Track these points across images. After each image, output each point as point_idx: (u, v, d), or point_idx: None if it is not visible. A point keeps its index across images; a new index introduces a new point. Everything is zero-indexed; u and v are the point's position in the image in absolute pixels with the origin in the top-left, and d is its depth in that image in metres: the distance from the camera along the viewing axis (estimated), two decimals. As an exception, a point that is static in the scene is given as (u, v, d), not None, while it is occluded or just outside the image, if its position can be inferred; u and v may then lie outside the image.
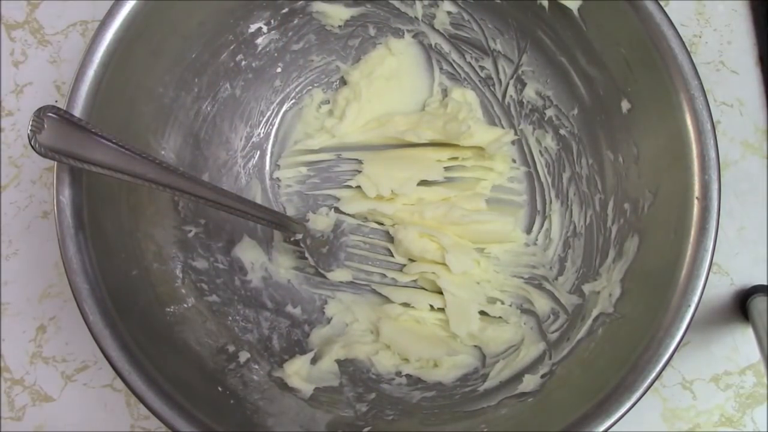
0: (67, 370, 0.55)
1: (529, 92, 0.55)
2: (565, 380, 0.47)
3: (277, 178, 0.58)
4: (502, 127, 0.57)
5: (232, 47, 0.53)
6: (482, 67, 0.56)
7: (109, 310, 0.42)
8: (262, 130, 0.58)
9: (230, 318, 0.52)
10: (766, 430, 0.52)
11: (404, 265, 0.56)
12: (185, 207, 0.52)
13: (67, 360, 0.56)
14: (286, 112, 0.58)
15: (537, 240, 0.55)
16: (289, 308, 0.55)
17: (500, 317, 0.54)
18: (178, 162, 0.51)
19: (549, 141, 0.55)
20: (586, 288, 0.50)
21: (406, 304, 0.55)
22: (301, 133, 0.58)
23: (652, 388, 0.40)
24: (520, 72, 0.55)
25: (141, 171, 0.41)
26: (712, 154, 0.42)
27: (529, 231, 0.56)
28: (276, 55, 0.56)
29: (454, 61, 0.57)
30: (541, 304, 0.53)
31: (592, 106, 0.51)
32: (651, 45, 0.43)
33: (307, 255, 0.55)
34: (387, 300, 0.55)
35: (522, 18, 0.52)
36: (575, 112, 0.53)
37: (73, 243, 0.42)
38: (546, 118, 0.55)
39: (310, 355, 0.52)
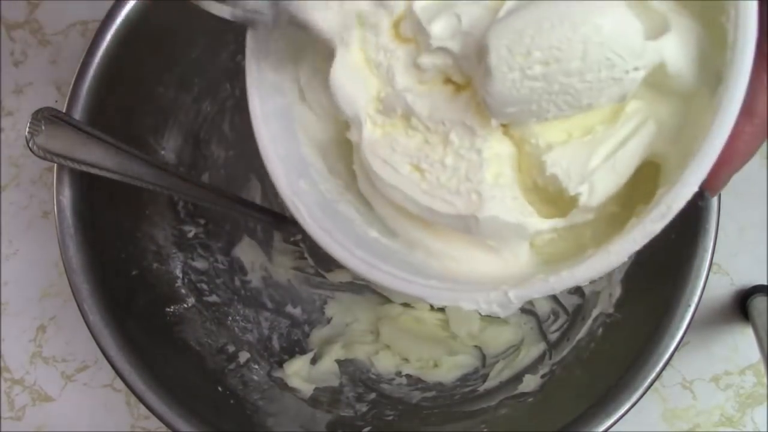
0: (67, 370, 0.55)
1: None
2: (565, 380, 0.47)
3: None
4: None
5: (231, 47, 0.53)
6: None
7: (109, 310, 0.42)
8: (262, 130, 0.58)
9: (230, 318, 0.52)
10: (766, 430, 0.52)
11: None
12: (185, 207, 0.52)
13: (67, 360, 0.56)
14: (286, 111, 0.58)
15: (537, 240, 0.55)
16: (289, 308, 0.55)
17: (500, 317, 0.54)
18: (178, 162, 0.51)
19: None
20: (586, 288, 0.50)
21: (406, 304, 0.55)
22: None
23: (652, 388, 0.40)
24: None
25: (140, 173, 0.41)
26: (712, 155, 0.42)
27: (529, 231, 0.56)
28: (276, 54, 0.56)
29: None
30: (541, 304, 0.53)
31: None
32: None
33: (306, 255, 0.55)
34: (387, 300, 0.55)
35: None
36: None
37: (73, 243, 0.42)
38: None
39: (310, 355, 0.52)
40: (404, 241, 0.32)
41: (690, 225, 0.42)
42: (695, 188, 0.24)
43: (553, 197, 0.29)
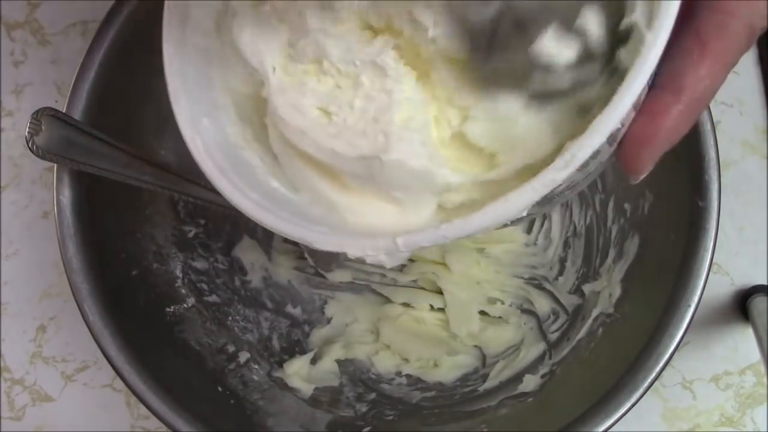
0: (67, 370, 0.55)
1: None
2: (565, 380, 0.47)
3: (277, 178, 0.58)
4: None
5: (232, 47, 0.53)
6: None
7: (109, 310, 0.42)
8: (262, 130, 0.58)
9: (230, 318, 0.52)
10: (766, 430, 0.52)
11: (404, 265, 0.56)
12: (185, 207, 0.52)
13: (67, 360, 0.56)
14: (286, 112, 0.58)
15: (537, 240, 0.55)
16: (289, 308, 0.55)
17: (500, 317, 0.54)
18: (178, 162, 0.51)
19: (549, 141, 0.55)
20: (587, 288, 0.50)
21: (406, 304, 0.55)
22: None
23: (652, 388, 0.40)
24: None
25: (140, 173, 0.41)
26: (712, 154, 0.42)
27: (529, 231, 0.56)
28: (276, 55, 0.56)
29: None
30: (542, 304, 0.53)
31: (592, 106, 0.51)
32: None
33: (306, 255, 0.55)
34: (387, 300, 0.55)
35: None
36: (575, 112, 0.52)
37: (73, 243, 0.42)
38: (546, 118, 0.55)
39: (310, 355, 0.52)
40: (306, 196, 0.30)
41: (690, 225, 0.42)
42: (602, 138, 0.23)
43: (465, 156, 0.28)
